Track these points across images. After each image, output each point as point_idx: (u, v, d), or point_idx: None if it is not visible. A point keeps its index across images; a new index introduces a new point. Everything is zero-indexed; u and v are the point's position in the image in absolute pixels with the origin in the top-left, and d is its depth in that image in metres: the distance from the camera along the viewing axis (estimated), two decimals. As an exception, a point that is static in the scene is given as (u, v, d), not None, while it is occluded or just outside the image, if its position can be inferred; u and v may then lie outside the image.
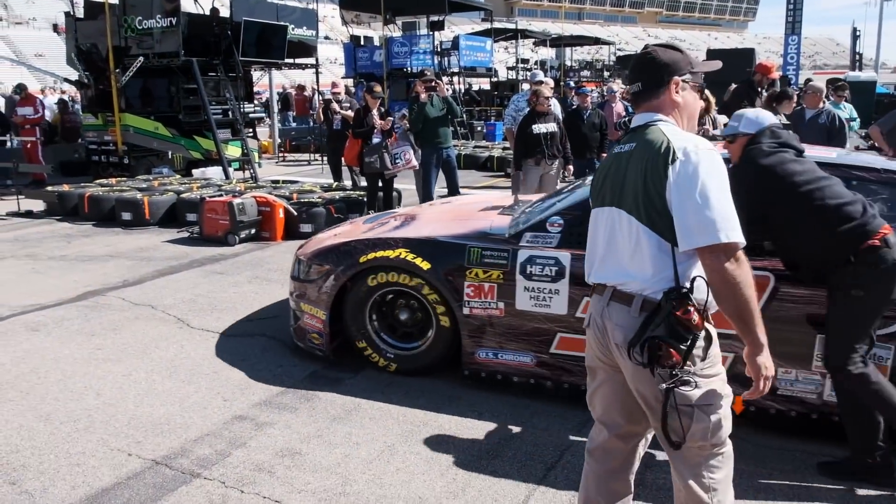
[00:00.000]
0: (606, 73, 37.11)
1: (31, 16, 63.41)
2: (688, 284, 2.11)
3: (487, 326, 4.13)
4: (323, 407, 3.95)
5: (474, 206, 5.18)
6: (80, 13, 13.40)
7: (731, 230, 2.03)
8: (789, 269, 3.37)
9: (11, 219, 9.87)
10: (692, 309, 2.05)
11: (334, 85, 11.91)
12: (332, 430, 3.68)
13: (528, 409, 3.90)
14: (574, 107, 9.60)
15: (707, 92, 7.91)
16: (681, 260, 2.12)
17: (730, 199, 2.07)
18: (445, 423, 3.75)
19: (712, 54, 23.33)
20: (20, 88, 13.99)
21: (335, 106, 10.85)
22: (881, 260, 2.94)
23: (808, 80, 10.42)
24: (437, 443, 3.55)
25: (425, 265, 4.20)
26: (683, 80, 2.28)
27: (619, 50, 50.31)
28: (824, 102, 8.17)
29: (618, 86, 14.35)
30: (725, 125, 7.94)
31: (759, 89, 8.01)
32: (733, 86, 9.00)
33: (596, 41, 39.50)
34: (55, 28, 57.37)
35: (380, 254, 4.33)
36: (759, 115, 3.39)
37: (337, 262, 4.48)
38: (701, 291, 2.08)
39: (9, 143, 12.78)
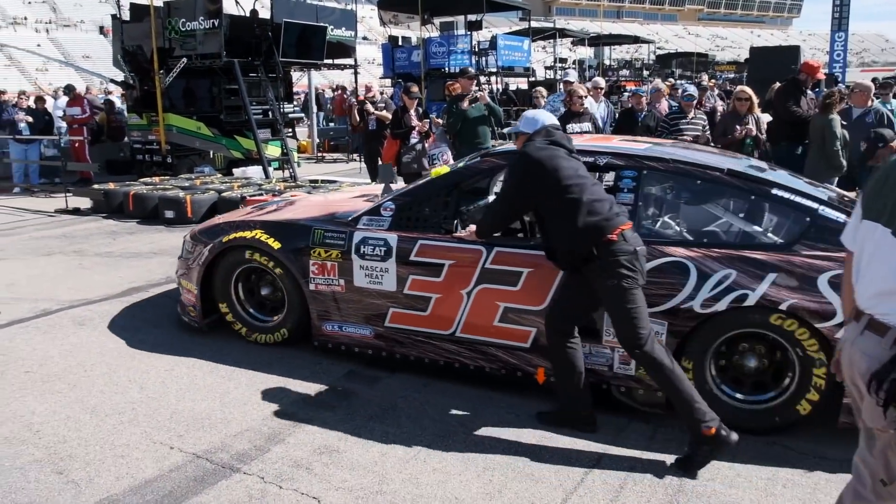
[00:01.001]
0: (646, 73, 36.69)
1: (78, 18, 65.02)
2: None
3: (331, 301, 4.53)
4: (360, 405, 3.98)
5: (353, 195, 5.65)
6: (125, 16, 13.68)
7: None
8: (548, 257, 3.69)
9: (60, 216, 10.14)
10: None
11: (368, 89, 12.01)
12: (369, 428, 3.71)
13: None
14: (628, 108, 9.47)
15: (749, 91, 7.79)
16: None
17: None
18: (482, 424, 3.75)
19: (756, 52, 22.87)
20: (69, 89, 14.34)
21: (369, 107, 10.91)
22: (618, 252, 3.34)
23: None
24: (474, 444, 3.55)
25: (276, 245, 4.63)
26: None
27: (658, 48, 49.73)
28: (872, 101, 7.98)
29: (663, 83, 14.15)
30: (769, 124, 7.79)
31: (805, 89, 7.84)
32: (777, 84, 8.82)
33: (635, 40, 39.14)
34: (101, 30, 58.76)
35: (240, 234, 4.80)
36: (537, 116, 3.78)
37: (207, 242, 4.95)
38: None
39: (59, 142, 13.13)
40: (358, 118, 11.62)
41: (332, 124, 21.89)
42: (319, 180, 11.11)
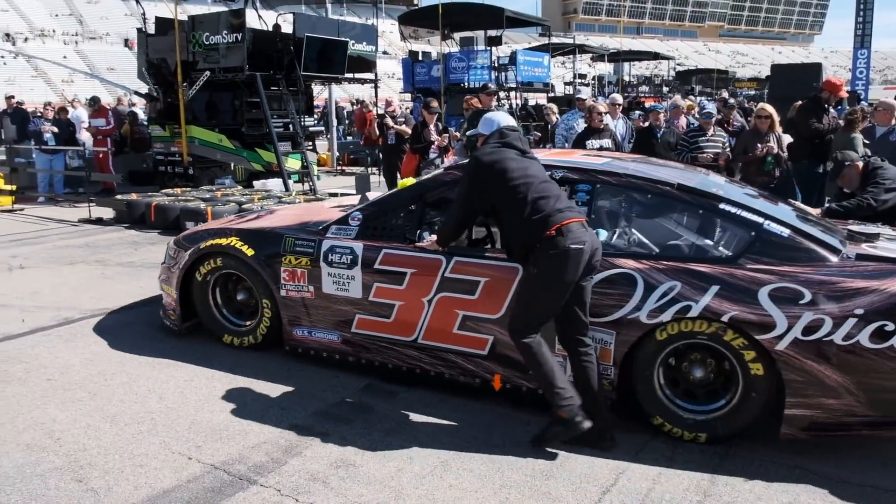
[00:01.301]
0: (665, 89, 36.62)
1: (104, 31, 66.08)
2: None
3: (301, 307, 4.69)
4: (377, 419, 3.99)
5: (331, 206, 5.79)
6: (151, 29, 13.89)
7: None
8: (506, 254, 3.87)
9: (83, 225, 10.27)
10: None
11: (388, 103, 12.07)
12: (385, 442, 3.71)
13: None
14: (646, 125, 9.43)
15: (770, 108, 7.75)
16: None
17: None
18: (499, 441, 3.73)
19: (777, 69, 22.77)
20: (94, 101, 14.55)
21: (389, 121, 10.98)
22: (554, 245, 3.47)
23: None
24: (491, 460, 3.54)
25: (250, 252, 4.82)
26: None
27: (678, 65, 49.62)
28: (896, 120, 7.90)
29: (682, 100, 14.08)
30: (790, 143, 7.74)
31: (827, 106, 7.79)
32: (799, 102, 8.77)
33: (655, 56, 39.05)
34: (126, 43, 59.65)
35: (216, 241, 4.99)
36: (493, 117, 3.96)
37: (186, 248, 5.15)
38: None
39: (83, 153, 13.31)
40: (377, 132, 11.70)
41: (349, 138, 22.03)
42: (339, 193, 11.17)
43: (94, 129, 13.65)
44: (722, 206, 3.89)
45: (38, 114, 14.59)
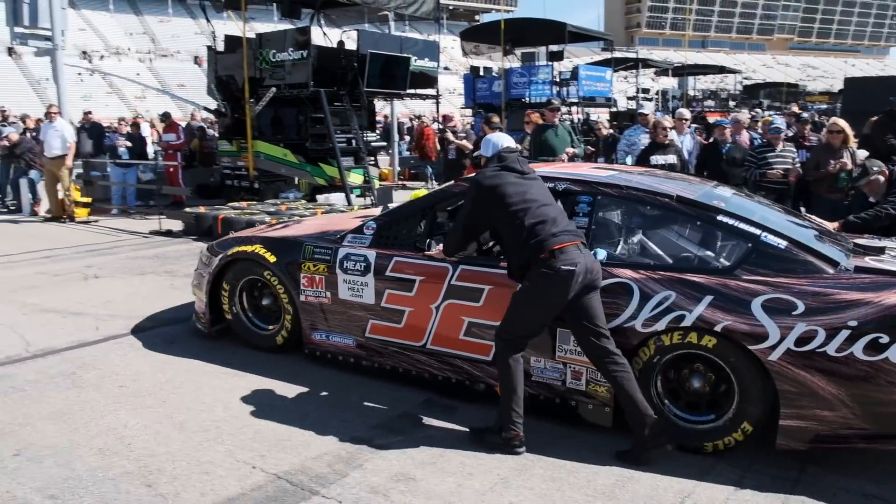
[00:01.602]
0: (732, 103, 35.83)
1: (175, 49, 68.50)
2: None
3: (319, 312, 4.91)
4: (438, 434, 3.99)
5: (354, 216, 6.03)
6: (220, 47, 14.32)
7: None
8: (508, 274, 3.93)
9: (153, 237, 10.63)
10: None
11: (449, 118, 12.14)
12: (445, 457, 3.71)
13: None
14: (711, 139, 9.23)
15: (843, 123, 7.49)
16: None
17: None
18: (560, 460, 3.69)
19: (851, 83, 22.05)
20: (165, 116, 15.07)
21: (450, 135, 11.04)
22: (548, 266, 3.59)
23: None
24: (552, 479, 3.49)
25: (272, 258, 5.08)
26: None
27: (745, 79, 48.50)
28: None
29: (744, 115, 13.74)
30: (865, 159, 7.51)
31: (904, 121, 7.51)
32: (874, 117, 8.46)
33: (721, 70, 38.25)
34: (196, 60, 61.68)
35: (242, 248, 5.27)
36: (494, 140, 4.06)
37: (216, 253, 5.43)
38: None
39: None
40: (438, 146, 11.78)
41: (410, 153, 22.21)
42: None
43: (165, 144, 14.13)
44: (720, 217, 3.94)
45: (112, 128, 15.20)
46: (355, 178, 13.35)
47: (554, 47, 20.83)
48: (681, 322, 3.65)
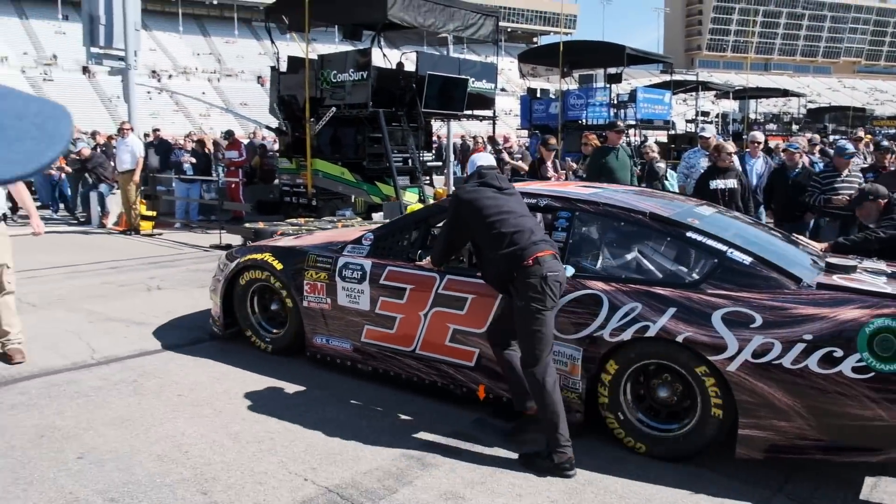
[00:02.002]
0: (795, 127, 34.96)
1: (240, 69, 70.58)
2: None
3: (320, 317, 5.19)
4: (488, 454, 3.97)
5: (361, 229, 6.29)
6: (283, 67, 14.70)
7: None
8: (485, 280, 4.10)
9: (214, 251, 10.90)
10: None
11: (506, 139, 12.16)
12: (495, 478, 3.69)
13: (702, 478, 3.70)
14: (780, 164, 9.03)
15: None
16: None
17: None
18: (612, 485, 3.63)
19: (920, 108, 21.26)
20: (228, 134, 15.52)
21: (506, 156, 11.07)
22: (531, 275, 3.71)
23: None
24: (602, 504, 3.45)
25: (279, 265, 5.41)
26: None
27: (809, 102, 47.33)
28: None
29: (804, 139, 13.38)
30: (865, 183, 7.31)
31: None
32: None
33: (784, 93, 37.34)
34: (258, 80, 63.40)
35: (252, 256, 5.62)
36: (474, 159, 4.26)
37: (231, 261, 5.77)
38: None
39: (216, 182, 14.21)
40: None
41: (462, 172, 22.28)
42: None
43: (227, 161, 14.53)
44: (689, 234, 4.09)
45: (178, 145, 15.72)
46: (410, 196, 13.47)
47: (612, 70, 20.72)
48: (645, 332, 3.80)
